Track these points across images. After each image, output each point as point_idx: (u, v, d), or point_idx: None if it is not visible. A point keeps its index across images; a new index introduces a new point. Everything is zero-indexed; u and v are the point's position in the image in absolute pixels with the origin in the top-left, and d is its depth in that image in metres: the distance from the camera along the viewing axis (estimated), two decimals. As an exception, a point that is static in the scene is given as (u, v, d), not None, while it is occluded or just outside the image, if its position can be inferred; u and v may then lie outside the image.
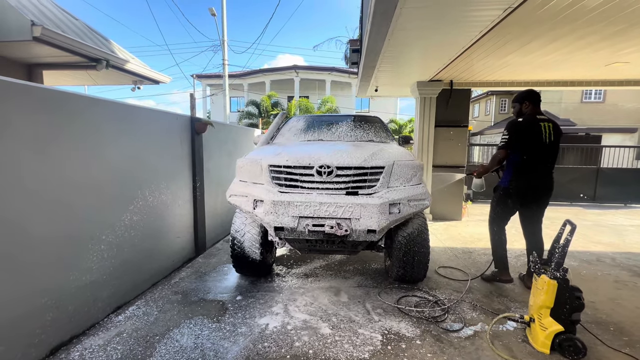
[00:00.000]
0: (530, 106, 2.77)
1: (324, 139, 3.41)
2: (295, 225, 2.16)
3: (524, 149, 2.67)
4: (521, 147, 2.67)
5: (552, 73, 4.68)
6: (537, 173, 2.69)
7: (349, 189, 2.21)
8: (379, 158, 2.29)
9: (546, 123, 2.68)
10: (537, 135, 2.63)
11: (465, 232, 4.75)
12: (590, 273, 3.17)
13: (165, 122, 3.20)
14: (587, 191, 7.90)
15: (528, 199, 2.75)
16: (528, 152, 2.66)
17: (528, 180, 2.69)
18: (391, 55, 3.82)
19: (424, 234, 2.61)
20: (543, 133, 2.64)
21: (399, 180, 2.27)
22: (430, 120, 5.32)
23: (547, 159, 2.70)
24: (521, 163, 2.70)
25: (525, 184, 2.70)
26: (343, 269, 3.23)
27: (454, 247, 4.03)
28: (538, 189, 2.73)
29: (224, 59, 16.48)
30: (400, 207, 2.18)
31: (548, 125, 2.68)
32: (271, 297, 2.60)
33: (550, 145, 2.66)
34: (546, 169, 2.72)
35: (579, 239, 4.38)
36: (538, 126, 2.64)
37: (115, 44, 4.95)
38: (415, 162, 2.40)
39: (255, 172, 2.38)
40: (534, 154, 2.66)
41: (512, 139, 2.68)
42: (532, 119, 2.69)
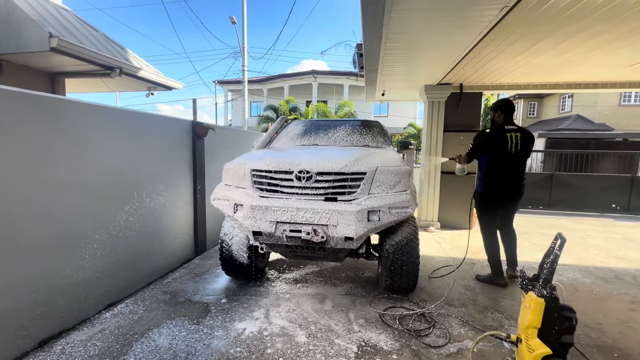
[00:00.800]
0: (502, 116, 3.01)
1: (319, 143, 3.39)
2: (272, 231, 2.15)
3: (490, 157, 2.94)
4: (487, 156, 2.96)
5: (570, 74, 4.38)
6: (504, 179, 2.93)
7: (329, 195, 2.17)
8: (361, 164, 2.24)
9: (514, 133, 2.89)
10: (503, 146, 2.87)
11: (471, 242, 4.51)
12: (604, 291, 2.90)
13: (165, 126, 3.32)
14: (620, 201, 7.29)
15: (499, 202, 3.01)
16: (494, 160, 2.93)
17: (497, 185, 2.95)
18: (391, 59, 3.75)
19: (413, 243, 2.51)
20: (509, 143, 2.86)
21: (381, 187, 2.20)
22: (439, 124, 5.14)
23: (513, 166, 2.93)
24: (489, 170, 2.97)
25: (497, 189, 2.96)
26: (334, 276, 3.17)
27: (457, 257, 3.84)
28: (506, 195, 2.98)
29: (243, 65, 16.96)
30: (380, 215, 2.10)
31: (516, 135, 2.88)
32: (255, 302, 2.59)
33: (517, 153, 2.88)
34: (513, 175, 2.95)
35: (599, 254, 4.04)
36: (504, 137, 2.87)
37: (131, 52, 5.22)
38: (401, 169, 2.31)
39: (239, 176, 2.40)
40: (500, 162, 2.91)
41: (475, 149, 3.03)
42: (499, 130, 2.92)
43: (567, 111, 19.86)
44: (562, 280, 3.14)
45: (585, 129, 16.62)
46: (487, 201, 3.02)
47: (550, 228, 5.52)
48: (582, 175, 7.61)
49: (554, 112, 20.93)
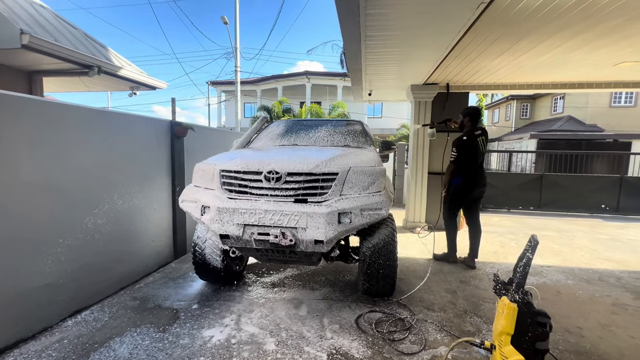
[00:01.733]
0: (469, 122, 3.52)
1: (299, 143, 3.31)
2: (240, 234, 2.06)
3: (468, 159, 3.42)
4: (466, 158, 3.42)
5: (556, 74, 4.35)
6: (477, 175, 3.48)
7: (299, 197, 2.08)
8: (334, 164, 2.16)
9: (481, 137, 3.43)
10: (475, 148, 3.40)
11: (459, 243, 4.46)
12: (587, 294, 2.85)
13: (139, 126, 3.22)
14: (609, 202, 7.29)
15: (472, 195, 3.51)
16: (471, 161, 3.42)
17: (472, 180, 3.46)
18: (374, 58, 3.68)
19: (390, 245, 2.43)
20: (479, 145, 3.41)
21: (354, 188, 2.12)
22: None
23: (481, 165, 3.53)
24: (467, 169, 3.46)
25: (471, 184, 3.47)
26: (314, 280, 3.09)
27: (446, 262, 3.77)
28: (478, 187, 3.49)
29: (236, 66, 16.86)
30: (352, 217, 2.02)
31: (482, 138, 3.44)
32: (228, 307, 2.50)
33: (483, 152, 3.48)
34: (482, 171, 3.54)
35: (585, 255, 4.00)
36: (476, 141, 3.40)
37: (112, 51, 5.11)
38: (375, 169, 2.24)
39: (208, 177, 2.31)
40: (475, 162, 3.44)
41: (460, 155, 3.44)
42: (471, 136, 3.41)
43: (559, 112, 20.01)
44: (545, 283, 3.09)
45: (576, 130, 16.74)
46: (461, 193, 3.50)
47: (540, 229, 5.49)
48: (572, 175, 7.60)
49: (547, 114, 21.09)
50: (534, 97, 22.44)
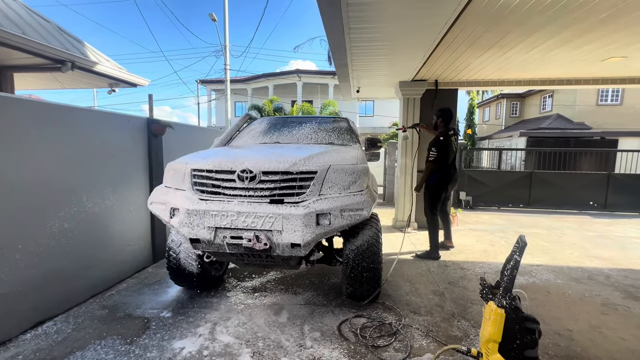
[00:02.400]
0: (442, 123, 3.73)
1: (281, 141, 3.18)
2: (211, 238, 1.92)
3: (444, 158, 3.62)
4: (442, 157, 3.61)
5: (543, 71, 4.30)
6: (452, 171, 3.73)
7: (275, 197, 1.95)
8: (313, 162, 2.03)
9: (453, 137, 3.71)
10: (450, 148, 3.63)
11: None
12: (576, 293, 2.78)
13: (112, 124, 3.04)
14: (597, 199, 7.34)
15: (447, 189, 3.79)
16: (447, 159, 3.64)
17: (448, 176, 3.71)
18: (359, 52, 3.57)
19: (374, 247, 2.32)
20: (452, 144, 3.68)
21: (334, 188, 2.00)
22: (414, 121, 4.99)
23: (454, 162, 3.78)
24: (444, 168, 3.66)
25: (447, 179, 3.72)
26: (297, 283, 2.96)
27: (430, 260, 3.69)
28: (451, 181, 3.77)
29: (225, 64, 16.59)
30: (331, 219, 1.90)
31: (455, 137, 3.76)
32: (203, 315, 2.35)
33: (455, 151, 3.77)
34: (455, 168, 3.82)
35: (574, 253, 3.96)
36: (450, 141, 3.64)
37: (88, 45, 4.89)
38: (357, 167, 2.12)
39: (179, 177, 2.16)
40: (448, 160, 3.65)
41: (439, 154, 3.60)
42: (447, 136, 3.62)
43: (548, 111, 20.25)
44: (535, 282, 3.01)
45: (564, 127, 16.95)
46: (439, 189, 3.71)
47: (530, 227, 5.46)
48: (561, 173, 7.63)
49: (536, 112, 21.33)
50: (523, 96, 22.67)
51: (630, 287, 2.92)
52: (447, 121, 3.71)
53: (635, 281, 3.05)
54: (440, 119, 3.72)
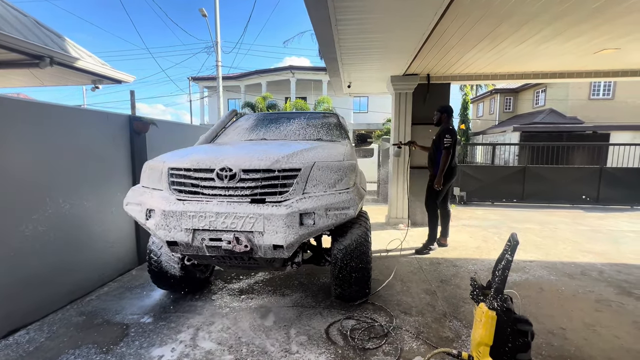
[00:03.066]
0: (447, 118, 3.79)
1: (268, 138, 3.08)
2: (189, 240, 1.82)
3: (453, 151, 3.64)
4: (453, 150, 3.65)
5: (536, 63, 4.24)
6: (455, 167, 3.76)
7: (256, 196, 1.85)
8: (296, 159, 1.94)
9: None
10: (456, 140, 3.68)
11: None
12: (570, 290, 2.74)
13: (90, 122, 2.91)
14: (589, 192, 7.36)
15: (451, 184, 3.84)
16: (454, 152, 3.68)
17: (453, 169, 3.72)
18: (349, 46, 3.46)
19: (363, 246, 2.23)
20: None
21: (318, 186, 1.91)
22: (406, 117, 4.92)
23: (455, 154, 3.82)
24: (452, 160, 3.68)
25: (453, 173, 3.73)
26: (286, 284, 2.87)
27: (422, 257, 3.62)
28: (455, 175, 3.78)
29: (217, 60, 16.35)
30: (316, 218, 1.81)
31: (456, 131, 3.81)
32: (186, 320, 2.26)
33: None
34: (456, 161, 3.81)
35: (567, 248, 3.93)
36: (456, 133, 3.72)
37: (69, 40, 4.71)
38: (343, 164, 2.02)
39: (156, 176, 2.05)
40: (453, 155, 3.67)
41: (453, 142, 3.59)
42: (453, 128, 3.76)
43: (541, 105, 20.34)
44: (528, 279, 2.96)
45: (557, 122, 17.04)
46: (445, 184, 3.68)
47: (523, 222, 5.44)
48: (554, 167, 7.64)
49: (529, 107, 21.41)
50: (516, 91, 22.75)
51: (623, 282, 2.88)
52: (450, 116, 3.79)
53: (628, 276, 3.02)
54: (445, 114, 3.77)
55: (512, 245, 1.50)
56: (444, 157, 3.55)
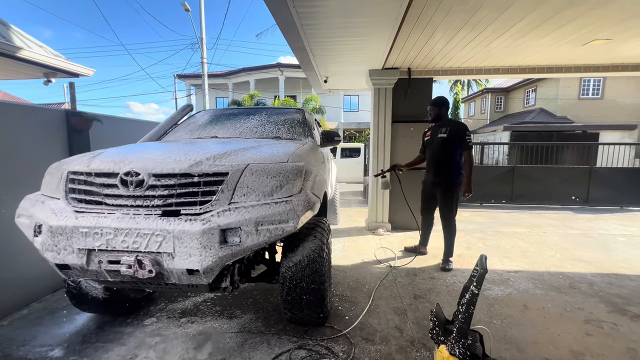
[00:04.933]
0: (446, 111, 3.30)
1: (220, 135, 2.72)
2: (84, 263, 1.45)
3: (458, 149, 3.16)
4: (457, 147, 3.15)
5: (522, 56, 3.94)
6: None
7: (171, 207, 1.49)
8: (224, 160, 1.58)
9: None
10: None
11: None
12: (557, 307, 2.43)
13: (13, 117, 2.51)
14: (579, 193, 7.16)
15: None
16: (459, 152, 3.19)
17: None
18: (315, 33, 3.11)
19: (316, 263, 1.89)
20: None
21: (250, 195, 1.55)
22: (386, 114, 4.59)
23: None
24: (459, 161, 3.18)
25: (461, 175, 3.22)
26: (237, 303, 2.51)
27: (399, 266, 3.30)
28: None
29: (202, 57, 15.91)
30: (242, 235, 1.45)
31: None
32: (104, 353, 1.88)
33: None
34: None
35: (555, 255, 3.64)
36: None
37: (15, 29, 4.27)
38: (286, 167, 1.67)
39: (55, 182, 1.67)
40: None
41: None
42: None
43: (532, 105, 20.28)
44: (511, 294, 2.65)
45: (547, 121, 16.95)
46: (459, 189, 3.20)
47: (511, 225, 5.16)
48: (544, 167, 7.42)
49: (520, 106, 21.36)
50: (507, 90, 22.69)
51: (616, 297, 2.59)
52: (448, 109, 3.33)
53: (620, 289, 2.73)
54: (444, 108, 3.29)
55: (480, 274, 1.17)
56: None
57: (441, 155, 3.19)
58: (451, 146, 3.12)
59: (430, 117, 3.33)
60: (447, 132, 3.13)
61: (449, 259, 3.23)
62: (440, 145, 3.18)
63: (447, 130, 3.14)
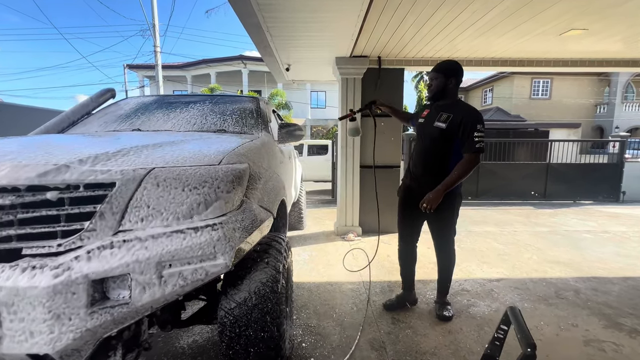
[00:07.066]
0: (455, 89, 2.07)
1: (144, 128, 2.09)
2: None
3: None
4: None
5: (495, 46, 3.71)
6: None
7: (6, 243, 0.90)
8: (110, 163, 1.01)
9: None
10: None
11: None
12: (551, 324, 2.15)
13: None
14: (537, 188, 7.41)
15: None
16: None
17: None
18: (270, 7, 2.56)
19: (268, 302, 1.37)
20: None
21: (155, 218, 0.98)
22: (354, 107, 4.17)
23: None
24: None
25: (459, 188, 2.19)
26: (169, 348, 1.92)
27: (374, 281, 2.88)
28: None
29: (155, 45, 14.59)
30: (134, 288, 0.90)
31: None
32: None
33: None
34: None
35: (532, 257, 3.46)
36: None
37: None
38: (218, 170, 1.13)
39: None
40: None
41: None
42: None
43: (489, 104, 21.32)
44: (499, 310, 2.34)
45: (503, 119, 17.86)
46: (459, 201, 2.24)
47: (480, 223, 5.03)
48: (505, 164, 7.60)
49: (478, 104, 22.37)
50: (467, 89, 23.68)
51: (605, 307, 2.38)
52: (459, 84, 2.06)
53: (606, 296, 2.54)
54: (453, 80, 2.01)
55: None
56: (470, 164, 1.94)
57: (435, 154, 2.07)
58: (451, 143, 2.00)
59: (430, 90, 2.09)
60: (449, 121, 1.95)
61: (445, 301, 2.30)
62: (437, 139, 2.02)
63: (450, 119, 1.95)
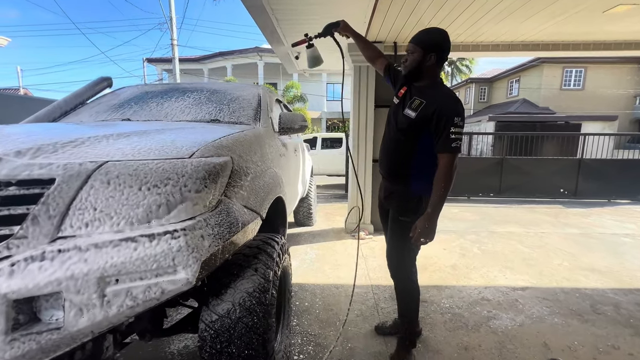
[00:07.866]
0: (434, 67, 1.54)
1: (135, 118, 1.95)
2: None
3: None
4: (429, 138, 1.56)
5: (525, 28, 3.32)
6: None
7: None
8: (53, 156, 0.85)
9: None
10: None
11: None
12: (587, 345, 1.86)
13: None
14: (567, 185, 6.84)
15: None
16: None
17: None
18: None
19: (253, 316, 1.20)
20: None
21: (103, 222, 0.80)
22: (368, 97, 3.90)
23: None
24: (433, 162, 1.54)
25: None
26: (159, 354, 1.80)
27: (380, 289, 2.65)
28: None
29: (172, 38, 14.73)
30: (67, 310, 0.73)
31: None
32: None
33: None
34: None
35: (563, 264, 3.12)
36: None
37: None
38: (184, 166, 0.95)
39: None
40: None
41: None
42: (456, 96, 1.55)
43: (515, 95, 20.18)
44: (524, 324, 2.07)
45: (530, 112, 16.85)
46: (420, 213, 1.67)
47: (503, 222, 4.66)
48: (532, 159, 7.07)
49: (503, 96, 21.26)
50: (491, 80, 22.55)
51: (652, 326, 2.06)
52: (443, 61, 1.55)
53: (654, 313, 2.21)
54: (433, 56, 1.49)
55: None
56: (447, 167, 1.48)
57: (400, 150, 1.62)
58: (419, 136, 1.54)
59: (405, 67, 1.57)
60: (420, 109, 1.49)
61: (407, 348, 1.76)
62: (404, 130, 1.56)
63: (421, 107, 1.49)
